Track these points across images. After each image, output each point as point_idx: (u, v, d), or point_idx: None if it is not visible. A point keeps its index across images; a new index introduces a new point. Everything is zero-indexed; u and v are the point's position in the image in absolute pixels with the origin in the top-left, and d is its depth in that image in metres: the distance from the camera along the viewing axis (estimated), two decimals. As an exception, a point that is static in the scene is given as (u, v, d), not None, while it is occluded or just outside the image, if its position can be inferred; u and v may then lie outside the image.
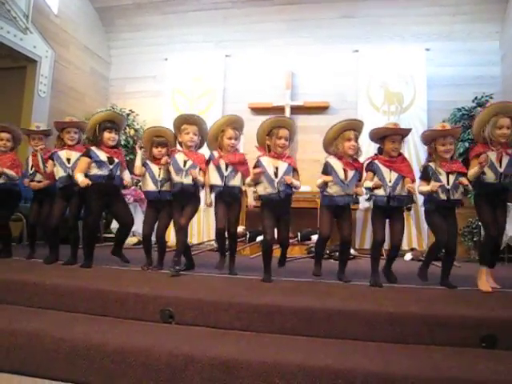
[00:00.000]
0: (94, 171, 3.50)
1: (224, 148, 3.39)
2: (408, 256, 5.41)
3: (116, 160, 3.57)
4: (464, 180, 2.98)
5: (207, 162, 3.42)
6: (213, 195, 3.43)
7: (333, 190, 3.18)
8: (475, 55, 6.43)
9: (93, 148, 3.55)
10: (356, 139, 3.22)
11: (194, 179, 3.32)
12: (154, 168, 3.57)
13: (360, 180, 3.27)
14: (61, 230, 3.78)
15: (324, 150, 3.37)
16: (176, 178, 3.36)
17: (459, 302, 2.57)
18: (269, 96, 7.01)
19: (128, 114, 7.04)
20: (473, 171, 2.95)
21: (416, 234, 6.14)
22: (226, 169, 3.35)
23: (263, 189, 3.23)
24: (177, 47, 7.39)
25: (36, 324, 2.32)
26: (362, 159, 3.35)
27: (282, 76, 7.06)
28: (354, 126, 3.27)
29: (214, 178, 3.37)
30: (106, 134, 3.54)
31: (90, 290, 2.66)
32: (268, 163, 3.23)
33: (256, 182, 3.26)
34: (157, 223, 3.64)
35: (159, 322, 2.42)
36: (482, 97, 5.92)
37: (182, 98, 7.20)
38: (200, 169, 3.38)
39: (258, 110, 7.02)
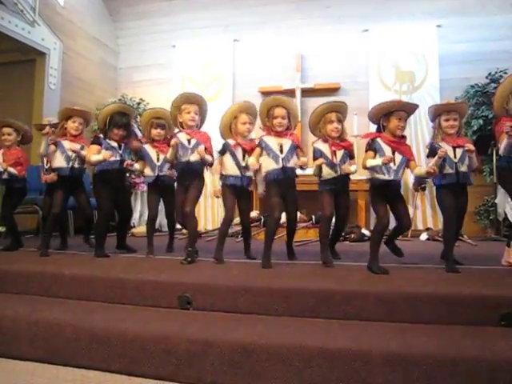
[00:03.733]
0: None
1: (240, 134, 3.34)
2: (424, 236, 5.36)
3: (122, 145, 3.61)
4: (471, 146, 2.88)
5: (222, 152, 3.34)
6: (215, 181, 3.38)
7: (326, 172, 3.13)
8: (489, 30, 6.24)
9: (101, 136, 3.60)
10: (339, 121, 3.16)
11: (201, 158, 3.29)
12: (152, 152, 3.61)
13: (351, 158, 3.24)
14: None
15: (311, 133, 3.36)
16: (182, 157, 3.34)
17: (478, 281, 2.54)
18: (279, 79, 6.91)
19: (138, 103, 7.03)
20: (504, 143, 2.84)
21: (431, 214, 6.07)
22: (244, 158, 3.30)
23: (267, 165, 3.19)
24: (184, 34, 7.31)
25: (57, 313, 2.36)
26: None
27: (292, 58, 6.97)
28: (336, 108, 3.21)
29: (231, 168, 3.29)
30: (115, 130, 3.57)
31: (108, 279, 2.69)
32: (272, 142, 3.21)
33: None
34: (164, 210, 3.82)
35: (177, 308, 2.45)
36: (496, 72, 5.77)
37: (191, 85, 7.15)
38: (205, 148, 3.33)
39: (268, 94, 6.89)
